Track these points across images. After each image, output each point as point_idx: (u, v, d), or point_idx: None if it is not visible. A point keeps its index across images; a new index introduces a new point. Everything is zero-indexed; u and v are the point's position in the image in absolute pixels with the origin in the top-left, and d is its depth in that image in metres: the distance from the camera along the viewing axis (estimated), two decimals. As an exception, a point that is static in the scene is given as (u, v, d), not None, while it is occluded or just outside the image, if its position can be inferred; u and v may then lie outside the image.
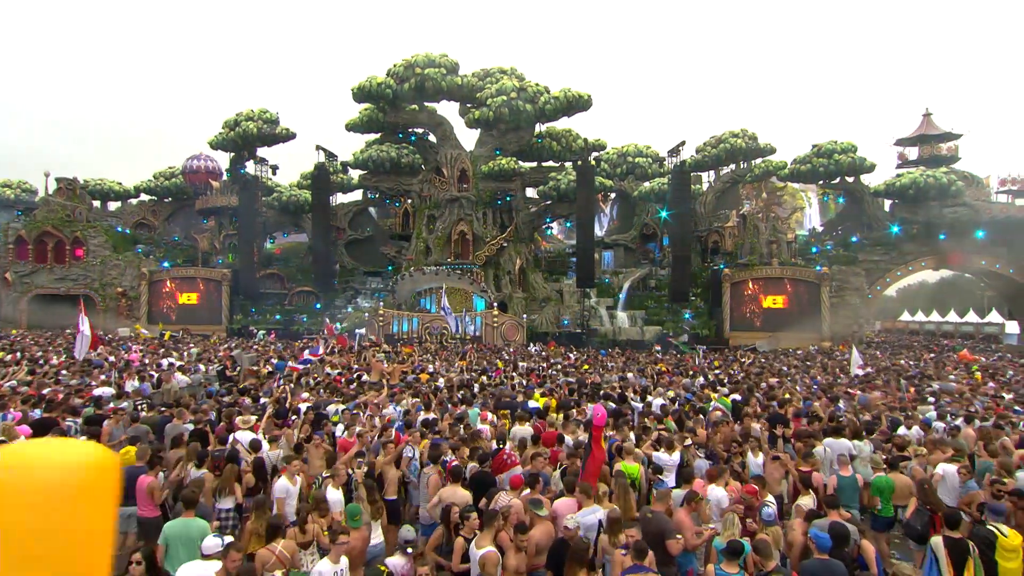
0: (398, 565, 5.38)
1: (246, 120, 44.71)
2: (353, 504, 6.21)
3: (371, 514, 6.46)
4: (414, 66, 40.14)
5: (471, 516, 5.99)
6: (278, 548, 5.44)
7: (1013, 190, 41.66)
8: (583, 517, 6.08)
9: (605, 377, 18.71)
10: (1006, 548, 5.49)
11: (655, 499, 6.49)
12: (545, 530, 5.88)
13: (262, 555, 5.40)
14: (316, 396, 13.13)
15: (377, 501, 6.65)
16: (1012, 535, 5.59)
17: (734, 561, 5.16)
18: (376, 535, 6.46)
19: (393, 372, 17.83)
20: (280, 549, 5.43)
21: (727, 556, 5.18)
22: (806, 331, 36.43)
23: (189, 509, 6.00)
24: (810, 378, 18.70)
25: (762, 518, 6.12)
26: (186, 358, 21.51)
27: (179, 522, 5.93)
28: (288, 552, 5.46)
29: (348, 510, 6.00)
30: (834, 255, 40.41)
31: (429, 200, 42.42)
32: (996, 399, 13.75)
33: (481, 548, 5.47)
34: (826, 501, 6.43)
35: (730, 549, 5.19)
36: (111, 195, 49.17)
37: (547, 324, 38.78)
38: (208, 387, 15.04)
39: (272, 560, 5.34)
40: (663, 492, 6.54)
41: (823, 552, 5.23)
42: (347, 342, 30.18)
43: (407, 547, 5.39)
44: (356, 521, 5.88)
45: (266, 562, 5.32)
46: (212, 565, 4.89)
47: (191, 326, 39.54)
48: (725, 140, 44.95)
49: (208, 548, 4.98)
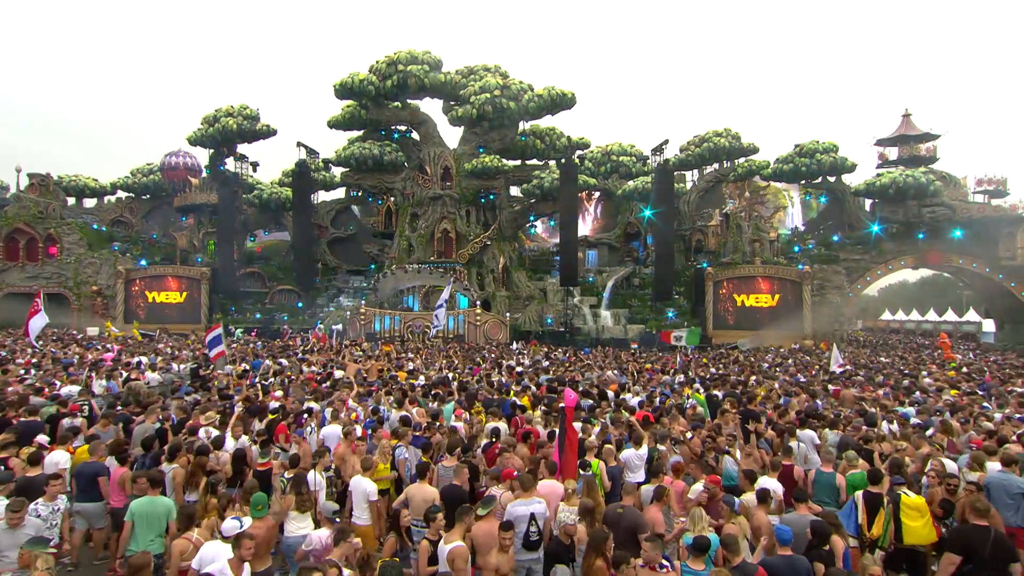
0: (322, 537, 5.47)
1: (225, 116, 44.07)
2: (258, 494, 6.04)
3: (297, 505, 6.40)
4: (397, 63, 39.80)
5: (437, 516, 5.82)
6: (194, 536, 5.46)
7: (989, 190, 42.23)
8: (515, 508, 6.08)
9: (586, 375, 18.63)
10: (909, 506, 6.17)
11: (623, 494, 6.35)
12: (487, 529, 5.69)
13: (179, 545, 5.39)
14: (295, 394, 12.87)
15: (303, 494, 6.52)
16: (917, 497, 6.32)
17: (700, 557, 5.02)
18: (305, 526, 6.34)
19: (370, 370, 17.60)
20: (196, 537, 5.44)
21: (693, 552, 5.04)
22: (788, 330, 36.64)
23: (155, 488, 6.22)
24: (790, 375, 18.74)
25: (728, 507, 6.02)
26: (157, 357, 21.05)
27: (145, 500, 6.12)
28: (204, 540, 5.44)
29: (252, 500, 5.86)
30: (816, 254, 40.73)
31: (412, 198, 42.09)
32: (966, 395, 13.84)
33: (450, 543, 5.31)
34: (795, 495, 6.33)
35: (697, 545, 5.05)
36: (86, 192, 48.15)
37: (530, 323, 38.64)
38: (180, 386, 14.68)
39: (189, 549, 5.34)
40: (630, 487, 6.40)
41: (785, 546, 5.11)
42: (326, 339, 29.88)
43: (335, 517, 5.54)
44: (259, 511, 5.74)
45: (183, 551, 5.33)
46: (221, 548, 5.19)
47: (169, 325, 38.83)
48: (708, 139, 45.13)
49: (228, 530, 5.19)
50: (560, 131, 44.39)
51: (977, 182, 42.53)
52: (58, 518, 6.24)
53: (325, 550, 5.33)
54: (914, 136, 43.89)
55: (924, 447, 8.54)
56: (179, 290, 41.09)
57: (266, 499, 5.94)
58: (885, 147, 45.32)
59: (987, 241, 37.96)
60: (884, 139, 45.06)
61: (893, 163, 44.16)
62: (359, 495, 7.13)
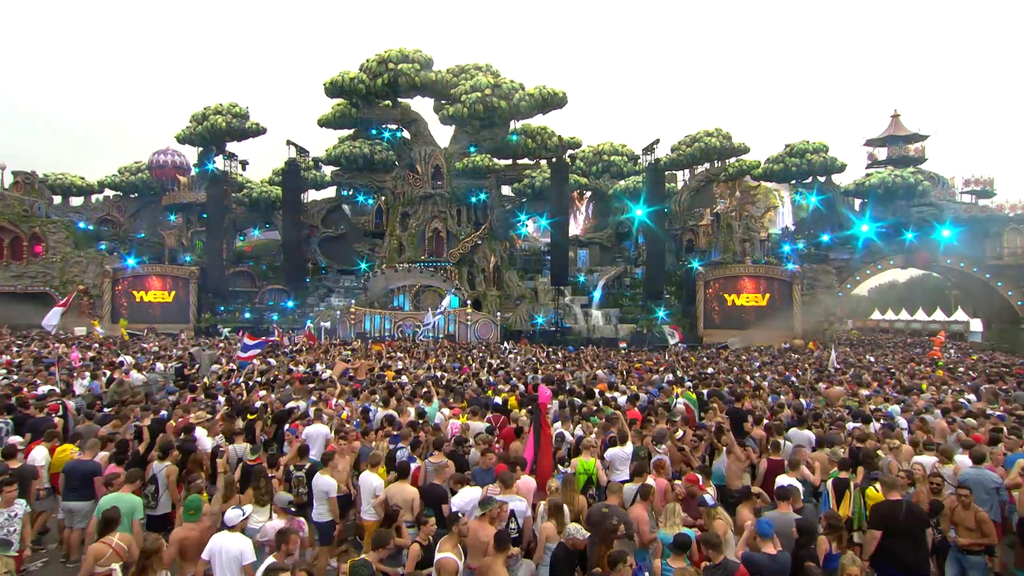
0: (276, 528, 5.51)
1: (214, 114, 43.67)
2: (193, 496, 5.98)
3: (256, 499, 6.47)
4: (387, 61, 39.63)
5: (428, 521, 5.77)
6: (114, 540, 5.36)
7: (976, 190, 42.53)
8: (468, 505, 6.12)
9: (576, 374, 18.58)
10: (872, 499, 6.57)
11: (607, 493, 6.27)
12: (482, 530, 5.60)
13: (97, 549, 5.32)
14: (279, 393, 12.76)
15: (261, 487, 6.58)
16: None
17: (681, 555, 4.95)
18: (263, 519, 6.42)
19: (359, 369, 17.46)
20: (117, 541, 5.35)
21: (675, 550, 4.97)
22: (778, 329, 36.79)
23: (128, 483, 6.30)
24: (778, 374, 18.76)
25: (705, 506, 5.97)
26: (143, 356, 20.83)
27: (111, 497, 6.12)
28: (124, 544, 5.38)
29: (186, 503, 5.81)
30: (806, 254, 40.89)
31: (403, 197, 41.91)
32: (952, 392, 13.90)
33: (442, 553, 5.20)
34: (777, 493, 6.28)
35: (677, 543, 4.97)
36: (73, 190, 47.54)
37: (521, 322, 38.56)
38: (165, 385, 14.51)
39: (108, 553, 5.27)
40: (615, 485, 6.33)
41: (766, 541, 5.04)
42: (314, 338, 29.71)
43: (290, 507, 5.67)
44: (192, 516, 5.68)
45: (100, 556, 5.26)
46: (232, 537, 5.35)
47: (157, 325, 38.46)
48: (700, 139, 45.15)
49: (231, 519, 5.38)
50: (551, 130, 44.33)
51: (965, 182, 42.82)
52: (16, 524, 6.14)
53: None
54: (903, 136, 44.15)
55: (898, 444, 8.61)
56: (167, 289, 40.74)
57: (200, 503, 5.88)
58: (874, 147, 45.55)
59: (974, 241, 38.27)
60: (873, 139, 45.30)
61: (882, 163, 44.39)
62: (367, 491, 7.14)
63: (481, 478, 7.43)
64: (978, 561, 6.27)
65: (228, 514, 5.47)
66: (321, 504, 7.16)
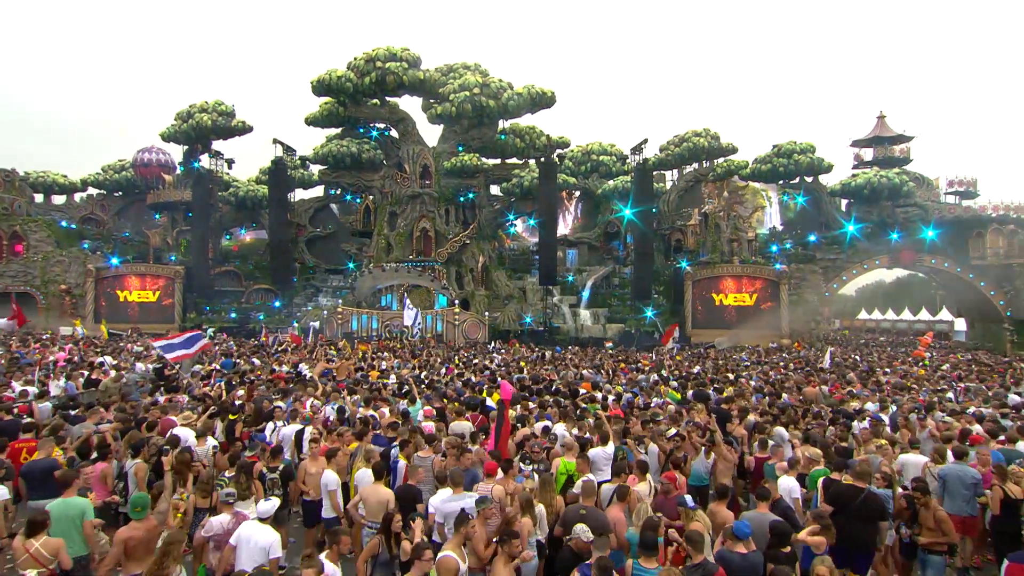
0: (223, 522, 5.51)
1: (200, 112, 43.22)
2: (140, 494, 5.91)
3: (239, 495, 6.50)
4: (375, 60, 39.38)
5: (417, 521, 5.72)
6: (35, 546, 5.19)
7: (960, 191, 42.96)
8: (444, 504, 6.11)
9: (562, 374, 18.53)
10: None
11: (581, 493, 6.18)
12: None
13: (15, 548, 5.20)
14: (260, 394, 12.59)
15: (242, 483, 6.68)
16: None
17: (651, 556, 4.87)
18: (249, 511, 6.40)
19: (341, 369, 17.30)
20: (37, 547, 5.19)
21: (643, 551, 4.88)
22: (766, 328, 36.94)
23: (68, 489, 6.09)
24: (763, 374, 18.80)
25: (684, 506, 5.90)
26: (123, 357, 20.53)
27: (60, 502, 6.02)
28: (48, 550, 5.22)
29: (132, 500, 5.71)
30: (793, 253, 41.10)
31: (391, 196, 41.68)
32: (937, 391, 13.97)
33: (445, 551, 5.14)
34: (757, 493, 6.23)
35: (644, 543, 4.89)
36: (55, 188, 46.91)
37: (509, 322, 38.46)
38: (142, 386, 14.27)
39: (23, 557, 5.13)
40: (587, 486, 6.24)
41: (739, 541, 4.98)
42: (300, 339, 29.45)
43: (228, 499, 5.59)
44: (138, 513, 5.54)
45: (17, 556, 5.13)
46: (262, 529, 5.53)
47: (142, 325, 38.00)
48: (688, 139, 45.31)
49: (264, 512, 5.68)
50: (540, 130, 44.27)
51: (949, 183, 43.23)
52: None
53: (226, 534, 5.41)
54: (888, 137, 44.51)
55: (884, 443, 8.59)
56: (152, 289, 40.27)
57: (147, 500, 5.77)
58: (860, 148, 45.90)
59: (958, 241, 38.62)
60: (860, 140, 45.64)
61: (868, 164, 44.73)
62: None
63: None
64: (937, 561, 6.32)
65: (261, 506, 5.76)
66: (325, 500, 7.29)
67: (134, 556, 5.35)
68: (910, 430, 9.50)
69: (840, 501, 6.26)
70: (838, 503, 6.26)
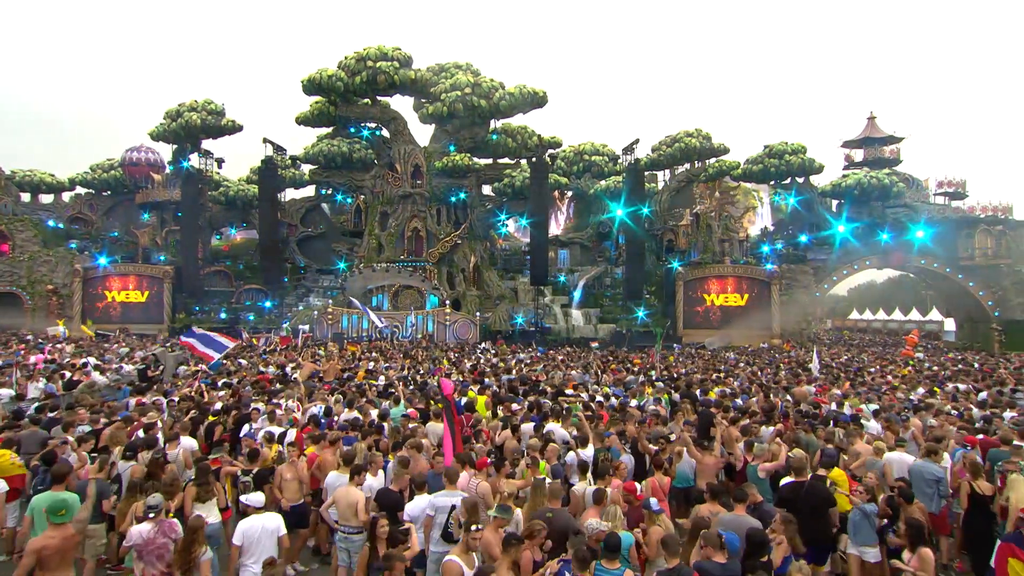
0: (143, 532, 5.33)
1: (189, 111, 42.86)
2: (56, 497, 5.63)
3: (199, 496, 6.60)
4: (366, 59, 39.18)
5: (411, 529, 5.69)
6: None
7: (949, 192, 43.14)
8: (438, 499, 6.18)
9: (550, 374, 18.45)
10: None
11: (548, 496, 6.10)
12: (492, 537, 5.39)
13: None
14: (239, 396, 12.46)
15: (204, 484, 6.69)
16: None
17: (614, 557, 4.79)
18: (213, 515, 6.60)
19: (328, 370, 17.17)
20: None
21: (606, 552, 4.80)
22: (757, 329, 37.02)
23: (58, 484, 6.13)
24: (752, 374, 18.77)
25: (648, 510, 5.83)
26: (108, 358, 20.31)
27: (47, 495, 6.00)
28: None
29: (51, 505, 5.41)
30: (784, 254, 41.18)
31: (382, 196, 41.49)
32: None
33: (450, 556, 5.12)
34: (735, 495, 6.16)
35: (607, 544, 4.81)
36: (42, 187, 46.44)
37: (500, 322, 38.35)
38: (118, 388, 14.09)
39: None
40: (554, 488, 6.15)
41: (716, 550, 4.89)
42: (290, 340, 29.27)
43: (150, 512, 5.42)
44: (59, 517, 5.26)
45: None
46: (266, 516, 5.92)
47: (131, 325, 37.71)
48: (680, 139, 45.32)
49: (256, 501, 5.96)
50: (532, 130, 44.19)
51: (938, 184, 43.39)
52: None
53: (147, 543, 5.30)
54: (879, 138, 44.68)
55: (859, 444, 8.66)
56: (140, 289, 39.97)
57: (67, 504, 5.49)
58: (851, 149, 46.06)
59: (947, 242, 38.78)
60: (850, 141, 45.79)
61: (859, 165, 44.87)
62: None
63: (434, 483, 7.24)
64: None
65: (251, 497, 5.99)
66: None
67: (48, 567, 5.03)
68: (893, 432, 9.47)
69: (787, 499, 6.48)
70: (785, 502, 6.45)
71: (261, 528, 5.77)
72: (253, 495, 6.05)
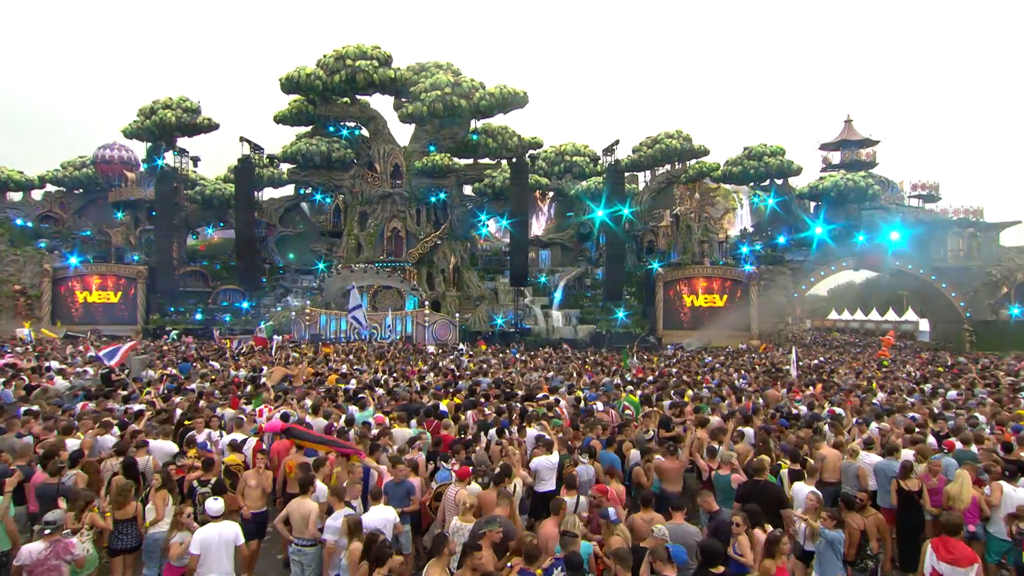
0: (33, 551, 5.07)
1: (164, 108, 42.04)
2: None
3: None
4: (345, 57, 38.76)
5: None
6: None
7: (923, 194, 43.84)
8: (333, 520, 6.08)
9: (526, 376, 18.33)
10: None
11: (497, 502, 5.97)
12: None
13: None
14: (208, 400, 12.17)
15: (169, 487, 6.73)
16: None
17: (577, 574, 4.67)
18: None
19: (298, 374, 16.84)
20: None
21: (567, 570, 4.67)
22: (736, 329, 37.29)
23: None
24: (725, 377, 18.80)
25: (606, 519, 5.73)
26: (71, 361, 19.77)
27: None
28: None
29: None
30: (762, 255, 41.52)
31: (361, 196, 41.07)
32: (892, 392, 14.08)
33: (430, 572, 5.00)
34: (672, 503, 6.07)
35: (568, 562, 4.69)
36: (10, 185, 45.22)
37: (480, 323, 38.19)
38: (76, 395, 13.63)
39: None
40: (503, 496, 6.02)
41: (666, 564, 4.79)
42: (266, 342, 28.78)
43: (46, 528, 5.14)
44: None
45: None
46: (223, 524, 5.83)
47: (103, 326, 36.90)
48: (661, 141, 45.46)
49: (214, 509, 5.86)
50: (512, 130, 44.06)
51: (912, 187, 44.07)
52: None
53: (37, 564, 5.05)
54: (855, 141, 45.22)
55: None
56: (113, 289, 39.18)
57: None
58: (828, 151, 46.56)
59: (921, 244, 39.40)
60: (827, 143, 46.30)
61: (836, 167, 45.37)
62: None
63: (392, 492, 7.07)
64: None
65: (210, 505, 5.88)
66: None
67: None
68: (861, 433, 9.52)
69: (743, 498, 6.69)
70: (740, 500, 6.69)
71: (218, 536, 5.67)
72: (211, 502, 5.94)
